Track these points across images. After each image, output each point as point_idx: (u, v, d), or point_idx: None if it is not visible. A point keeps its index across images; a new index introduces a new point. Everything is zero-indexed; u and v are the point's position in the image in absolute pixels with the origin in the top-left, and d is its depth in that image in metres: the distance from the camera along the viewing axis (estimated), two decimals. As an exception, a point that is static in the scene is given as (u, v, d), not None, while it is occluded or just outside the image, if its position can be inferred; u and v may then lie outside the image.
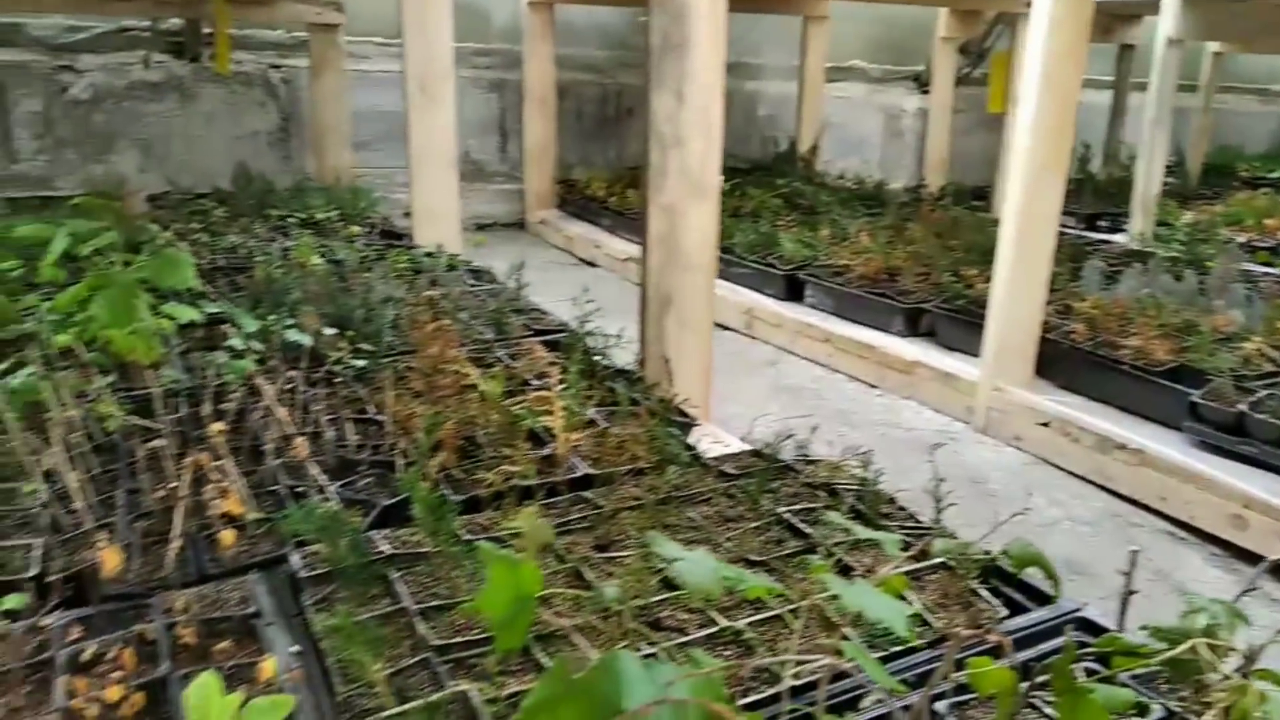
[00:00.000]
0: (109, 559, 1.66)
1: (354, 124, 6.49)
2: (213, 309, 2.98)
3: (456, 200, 4.79)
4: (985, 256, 4.23)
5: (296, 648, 1.62)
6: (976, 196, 6.66)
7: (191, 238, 4.28)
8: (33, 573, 1.81)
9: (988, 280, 3.78)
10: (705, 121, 2.67)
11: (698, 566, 1.20)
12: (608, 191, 6.87)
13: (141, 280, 2.88)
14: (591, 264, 6.39)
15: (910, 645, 1.57)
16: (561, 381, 2.44)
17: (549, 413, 2.34)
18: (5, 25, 6.08)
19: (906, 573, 1.78)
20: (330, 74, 6.23)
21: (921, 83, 8.38)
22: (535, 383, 2.73)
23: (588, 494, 2.13)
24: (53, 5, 5.73)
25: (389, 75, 7.21)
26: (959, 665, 1.31)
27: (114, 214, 4.21)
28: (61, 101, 6.27)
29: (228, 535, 1.80)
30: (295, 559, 1.85)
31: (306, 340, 2.57)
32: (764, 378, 4.17)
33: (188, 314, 2.90)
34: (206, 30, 6.51)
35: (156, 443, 2.10)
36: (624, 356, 3.02)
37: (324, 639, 1.62)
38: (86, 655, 1.52)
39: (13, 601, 1.61)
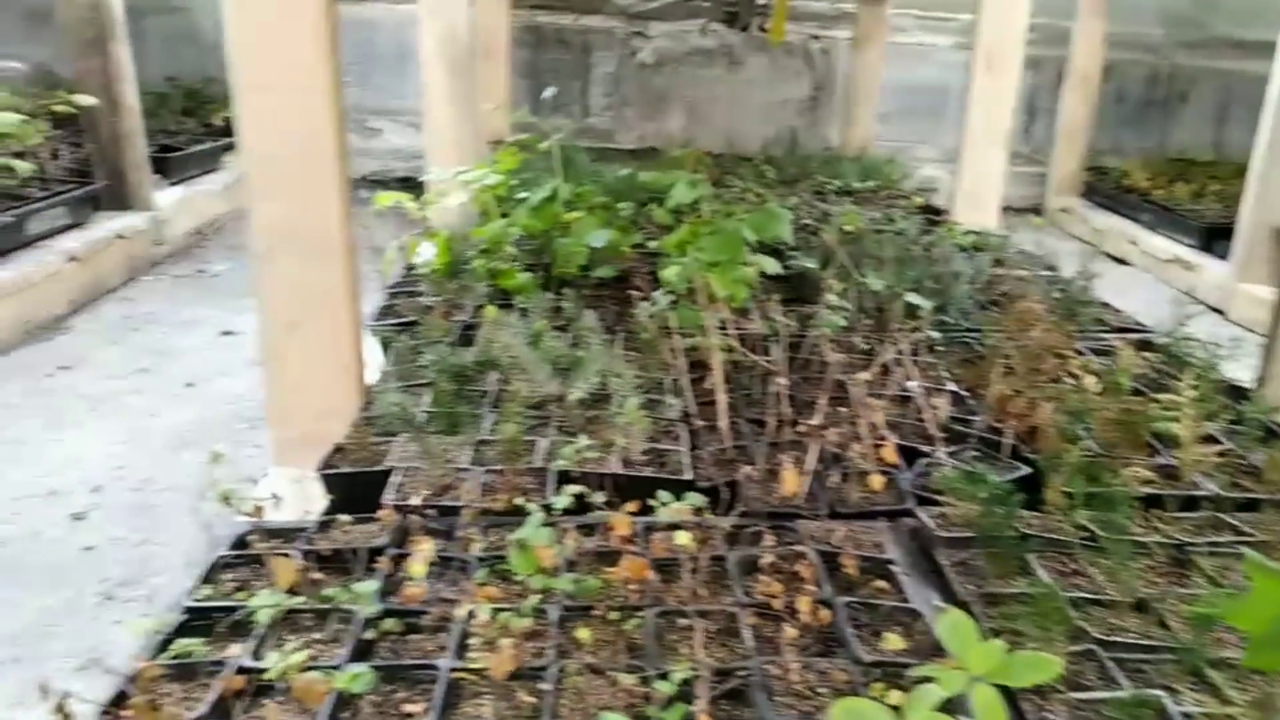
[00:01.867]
0: (789, 480, 1.82)
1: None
2: (801, 263, 3.16)
3: (1002, 179, 4.62)
4: None
5: (940, 603, 1.67)
6: None
7: (747, 197, 4.58)
8: (687, 477, 2.06)
9: None
10: None
11: None
12: (1150, 183, 6.20)
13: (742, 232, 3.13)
14: (1122, 261, 5.84)
15: None
16: (1191, 388, 2.22)
17: (1174, 419, 2.15)
18: (598, -5, 6.94)
19: None
20: (873, 46, 6.30)
21: None
22: (1129, 383, 2.54)
23: (1227, 517, 1.92)
24: (640, -22, 6.40)
25: (924, 48, 7.15)
26: None
27: (704, 168, 4.64)
28: (630, 64, 7.04)
29: (876, 479, 1.90)
30: (924, 516, 1.89)
31: (926, 304, 2.62)
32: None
33: (772, 266, 3.09)
34: (759, 1, 6.91)
35: (780, 381, 2.27)
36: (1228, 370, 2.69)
37: (973, 603, 1.64)
38: (765, 562, 1.68)
39: (694, 499, 1.83)
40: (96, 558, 2.34)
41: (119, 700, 1.40)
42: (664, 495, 1.84)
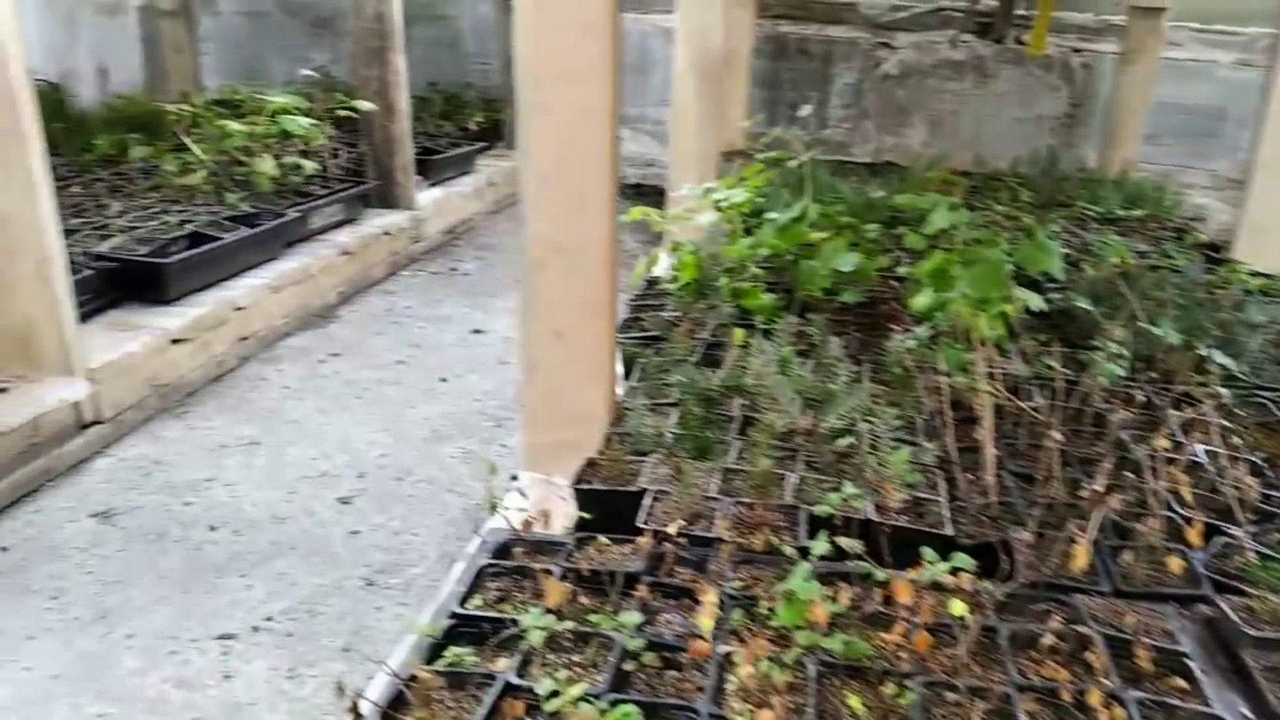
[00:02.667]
0: (1080, 553, 1.68)
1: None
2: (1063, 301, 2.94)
3: (1297, 216, 4.12)
4: None
5: (1248, 714, 1.48)
6: None
7: (1001, 221, 4.33)
8: (947, 533, 1.94)
9: None
10: None
11: None
12: None
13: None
14: None
15: None
16: None
17: None
18: (841, 4, 6.80)
19: None
20: (1143, 61, 5.81)
21: None
22: None
23: None
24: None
25: (1200, 65, 6.53)
26: None
27: (956, 189, 4.44)
28: (873, 76, 6.85)
29: (1174, 561, 1.72)
30: (1226, 606, 1.69)
31: (1229, 363, 2.37)
32: None
33: (1037, 302, 2.89)
34: (1018, 12, 6.54)
35: (1054, 435, 2.10)
36: None
37: (1291, 717, 1.44)
38: (1047, 641, 1.55)
39: (962, 561, 1.72)
40: (360, 543, 2.50)
41: (396, 702, 1.47)
42: (929, 553, 1.75)
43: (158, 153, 4.15)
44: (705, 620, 1.46)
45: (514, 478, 2.89)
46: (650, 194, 4.12)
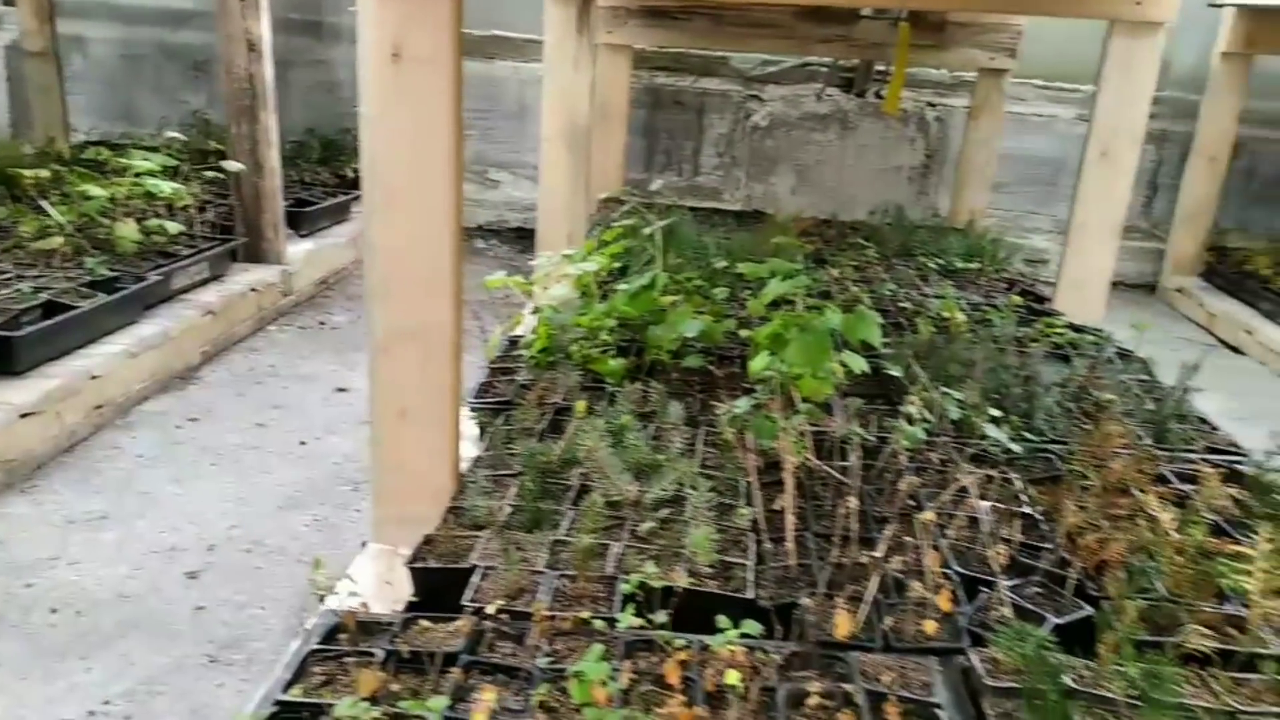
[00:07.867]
0: (842, 624, 1.89)
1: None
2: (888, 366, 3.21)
3: (1110, 272, 4.54)
4: None
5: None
6: None
7: (845, 277, 4.64)
8: (749, 596, 2.14)
9: None
10: None
11: None
12: (1275, 269, 5.96)
13: (832, 330, 3.20)
14: (1237, 350, 5.63)
15: None
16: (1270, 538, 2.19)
17: (1247, 573, 2.12)
18: (715, 59, 7.10)
19: None
20: (989, 117, 6.28)
21: None
22: (1210, 516, 2.50)
23: (1295, 685, 1.89)
24: (761, 46, 6.53)
25: (1044, 119, 7.05)
26: None
27: (804, 246, 4.71)
28: (744, 126, 7.18)
29: (930, 625, 1.94)
30: (975, 659, 1.93)
31: (1002, 438, 2.64)
32: None
33: (860, 365, 3.15)
34: (878, 68, 6.95)
35: (850, 502, 2.33)
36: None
37: (1013, 763, 1.67)
38: (811, 701, 1.76)
39: (750, 627, 1.92)
40: (205, 619, 2.56)
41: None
42: (723, 621, 1.94)
43: (17, 213, 4.10)
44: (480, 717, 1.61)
45: (364, 545, 3.00)
46: (532, 238, 4.29)
